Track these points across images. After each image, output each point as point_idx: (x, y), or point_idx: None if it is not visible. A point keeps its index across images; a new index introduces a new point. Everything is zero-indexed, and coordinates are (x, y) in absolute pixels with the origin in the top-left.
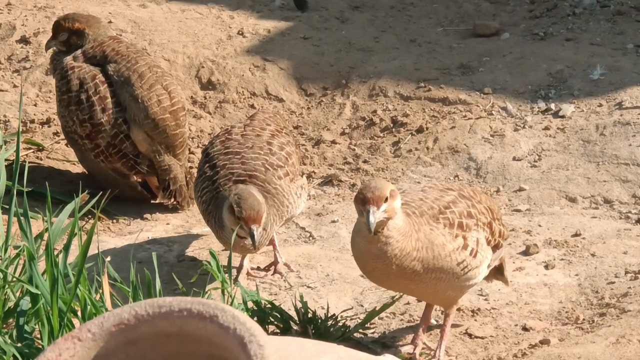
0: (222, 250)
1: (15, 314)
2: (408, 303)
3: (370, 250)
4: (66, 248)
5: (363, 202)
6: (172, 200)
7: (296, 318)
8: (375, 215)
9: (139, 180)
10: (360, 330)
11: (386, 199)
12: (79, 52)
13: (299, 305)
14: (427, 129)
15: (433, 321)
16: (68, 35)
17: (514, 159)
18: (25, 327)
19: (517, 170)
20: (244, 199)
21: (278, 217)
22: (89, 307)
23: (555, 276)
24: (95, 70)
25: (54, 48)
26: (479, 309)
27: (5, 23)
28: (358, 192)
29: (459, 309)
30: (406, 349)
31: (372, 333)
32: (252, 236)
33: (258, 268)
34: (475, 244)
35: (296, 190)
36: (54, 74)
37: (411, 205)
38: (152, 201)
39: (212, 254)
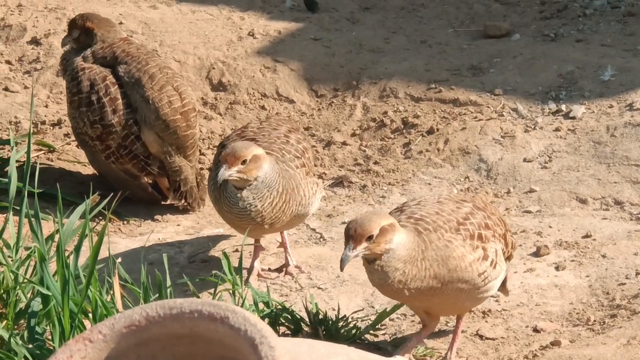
0: (233, 251)
1: (27, 315)
2: None
3: (374, 280)
4: (77, 249)
5: (345, 237)
6: (183, 201)
7: (307, 319)
8: (350, 254)
9: (150, 181)
10: (371, 332)
11: (370, 237)
12: (88, 52)
13: (310, 306)
14: (437, 130)
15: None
16: (79, 33)
17: (524, 160)
18: (37, 328)
19: (527, 172)
20: (235, 143)
21: (291, 200)
22: (100, 308)
23: (565, 277)
24: (105, 71)
25: (66, 47)
26: (489, 310)
27: (16, 24)
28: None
29: (469, 311)
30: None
31: (383, 334)
32: (217, 173)
33: (269, 269)
34: (495, 255)
35: (311, 185)
36: (64, 75)
37: (426, 220)
38: (162, 202)
39: (224, 255)
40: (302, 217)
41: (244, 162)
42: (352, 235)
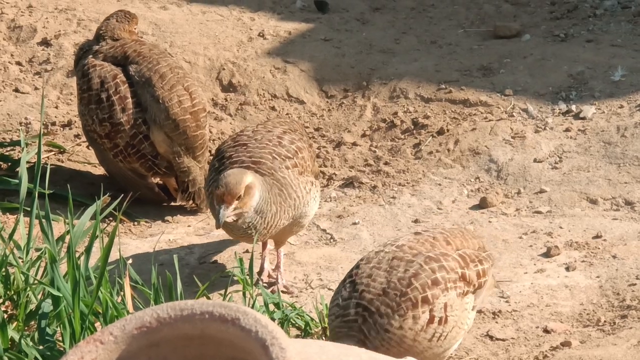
0: (244, 252)
1: (37, 317)
2: None
3: None
4: (88, 250)
5: None
6: (191, 202)
7: (317, 320)
8: None
9: (160, 181)
10: None
11: None
12: (98, 49)
13: (321, 307)
14: (448, 130)
15: None
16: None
17: (534, 160)
18: (47, 329)
19: (538, 172)
20: (224, 176)
21: (283, 211)
22: (110, 309)
23: (576, 278)
24: (116, 70)
25: (76, 48)
26: (500, 311)
27: (27, 25)
28: None
29: (479, 311)
30: None
31: None
32: (217, 214)
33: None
34: (443, 310)
35: (305, 185)
36: (76, 71)
37: (371, 309)
38: (168, 203)
39: (239, 260)
40: (298, 219)
41: (238, 197)
42: None
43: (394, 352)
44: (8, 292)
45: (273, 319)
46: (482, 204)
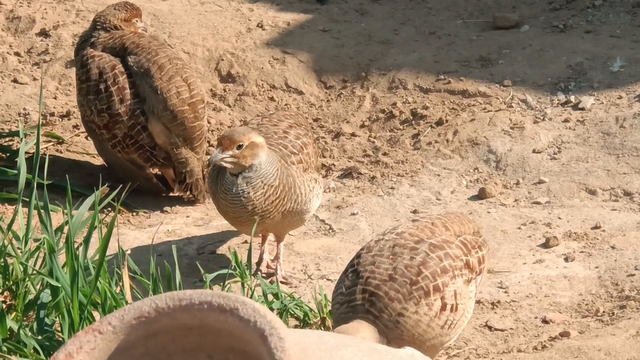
0: (242, 243)
1: (36, 307)
2: None
3: None
4: (86, 241)
5: None
6: (188, 193)
7: (316, 310)
8: None
9: (158, 172)
10: None
11: None
12: (96, 40)
13: (319, 297)
14: (446, 121)
15: None
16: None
17: (533, 151)
18: (46, 319)
19: (536, 163)
20: (236, 127)
21: (284, 195)
22: (109, 300)
23: (575, 269)
24: (115, 60)
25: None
26: (498, 302)
27: (25, 16)
28: None
29: (478, 302)
30: None
31: None
32: (211, 155)
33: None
34: (454, 298)
35: (309, 183)
36: (76, 62)
37: (379, 294)
38: (167, 194)
39: (234, 255)
40: (300, 214)
41: (239, 147)
42: None
43: (407, 336)
44: (7, 283)
45: (272, 309)
46: (481, 195)
